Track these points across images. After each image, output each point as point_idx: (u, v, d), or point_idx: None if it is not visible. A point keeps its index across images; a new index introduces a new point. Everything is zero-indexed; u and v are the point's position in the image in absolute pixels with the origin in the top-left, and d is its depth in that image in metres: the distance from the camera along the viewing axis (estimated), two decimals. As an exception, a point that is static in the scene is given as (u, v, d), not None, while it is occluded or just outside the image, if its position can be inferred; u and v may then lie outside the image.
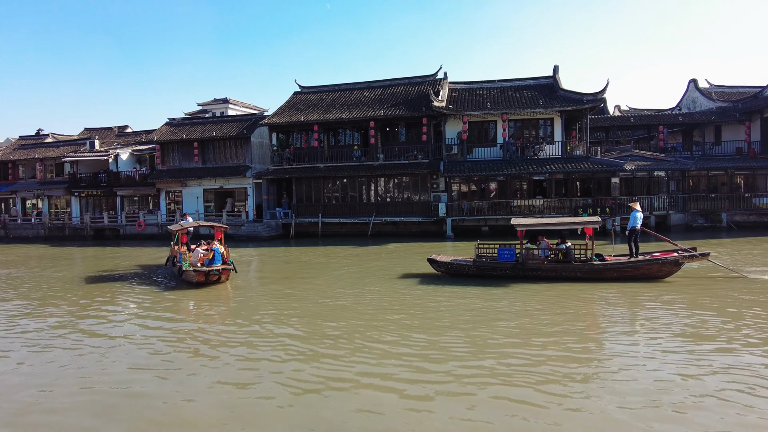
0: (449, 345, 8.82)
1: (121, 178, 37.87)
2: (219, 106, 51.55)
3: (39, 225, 39.02)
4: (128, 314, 12.29)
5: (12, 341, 10.09)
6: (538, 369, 7.52)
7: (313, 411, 6.40)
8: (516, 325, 9.94)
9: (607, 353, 8.38)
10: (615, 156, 30.03)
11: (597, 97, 28.36)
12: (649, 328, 9.57)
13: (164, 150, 36.63)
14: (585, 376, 7.30)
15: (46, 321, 11.72)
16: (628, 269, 13.88)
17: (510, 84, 32.24)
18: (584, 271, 13.98)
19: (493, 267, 14.84)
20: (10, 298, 14.71)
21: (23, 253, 28.89)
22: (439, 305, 11.86)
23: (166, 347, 9.31)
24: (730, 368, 7.34)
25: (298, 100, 36.16)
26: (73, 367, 8.40)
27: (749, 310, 10.57)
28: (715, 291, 12.48)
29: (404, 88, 34.38)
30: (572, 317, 10.46)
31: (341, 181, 31.54)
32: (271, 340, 9.52)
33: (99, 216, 37.63)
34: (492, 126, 30.12)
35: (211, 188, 35.37)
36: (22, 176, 43.43)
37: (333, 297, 13.33)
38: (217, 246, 16.31)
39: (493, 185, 29.41)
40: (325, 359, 8.28)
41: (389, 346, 8.88)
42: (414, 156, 30.43)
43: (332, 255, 22.80)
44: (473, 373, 7.44)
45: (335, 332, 9.86)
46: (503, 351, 8.43)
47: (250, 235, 31.40)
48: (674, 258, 13.72)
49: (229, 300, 13.76)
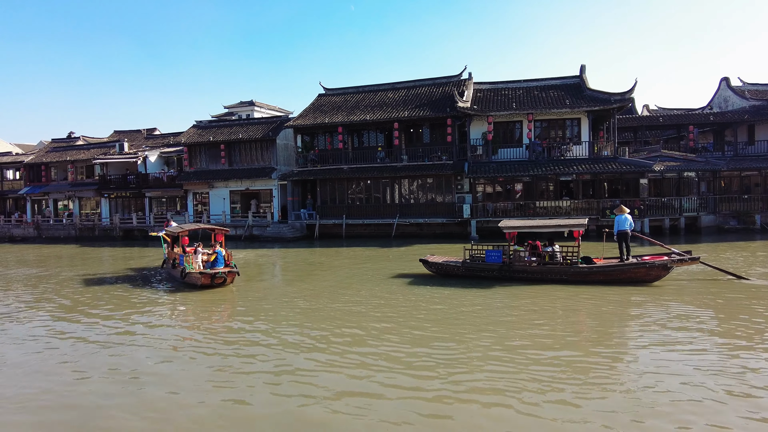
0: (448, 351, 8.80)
1: (150, 180, 38.58)
2: (245, 109, 52.16)
3: (70, 225, 39.97)
4: (143, 314, 12.49)
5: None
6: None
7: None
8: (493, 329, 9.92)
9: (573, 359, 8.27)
10: (643, 156, 29.51)
11: (625, 97, 27.89)
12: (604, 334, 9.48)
13: (191, 152, 37.20)
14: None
15: (31, 321, 12.04)
16: (615, 273, 13.73)
17: (536, 84, 31.90)
18: (569, 274, 13.96)
19: (481, 268, 15.08)
20: (30, 297, 15.10)
21: (54, 252, 29.64)
22: (454, 309, 11.83)
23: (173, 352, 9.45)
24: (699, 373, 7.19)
25: (322, 102, 36.37)
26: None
27: (726, 313, 10.44)
28: (698, 295, 12.32)
29: (428, 88, 34.32)
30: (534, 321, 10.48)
31: (365, 183, 31.61)
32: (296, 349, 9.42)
33: (128, 217, 38.39)
34: (517, 126, 29.85)
35: (237, 190, 35.80)
36: (54, 178, 44.55)
37: (342, 301, 13.17)
38: (220, 249, 16.17)
39: (519, 186, 29.14)
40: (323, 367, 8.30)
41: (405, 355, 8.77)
42: (438, 157, 30.34)
43: (349, 256, 22.80)
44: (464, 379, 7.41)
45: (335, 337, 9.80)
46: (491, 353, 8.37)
47: (275, 236, 31.69)
48: (663, 262, 13.48)
49: (250, 302, 13.53)
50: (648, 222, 26.62)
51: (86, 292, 15.62)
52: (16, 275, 20.17)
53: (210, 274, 15.16)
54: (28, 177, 45.01)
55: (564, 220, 17.40)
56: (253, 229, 33.09)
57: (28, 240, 39.97)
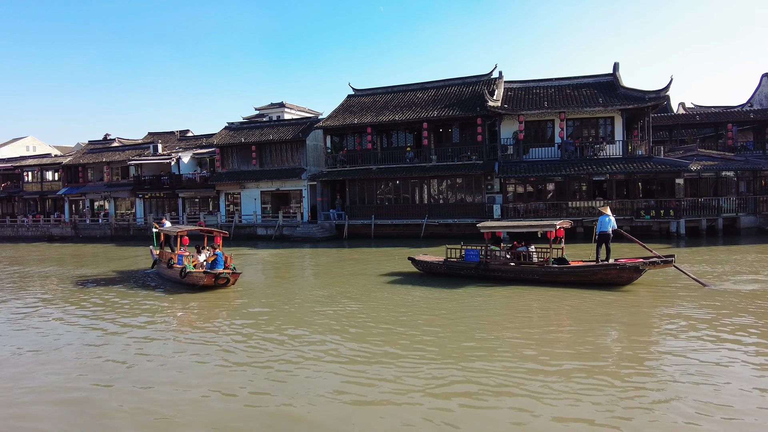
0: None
1: (183, 181, 39.32)
2: (275, 110, 52.70)
3: (106, 225, 41.00)
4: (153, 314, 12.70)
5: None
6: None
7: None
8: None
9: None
10: (679, 156, 28.78)
11: (660, 95, 27.24)
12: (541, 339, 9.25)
13: (223, 153, 37.78)
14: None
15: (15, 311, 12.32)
16: (585, 274, 13.59)
17: (568, 82, 31.41)
18: (541, 274, 14.03)
19: (460, 267, 15.57)
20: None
21: (90, 252, 30.45)
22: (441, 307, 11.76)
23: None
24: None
25: (351, 102, 36.52)
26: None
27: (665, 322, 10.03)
28: (662, 299, 11.96)
29: (458, 88, 34.13)
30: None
31: (394, 183, 31.60)
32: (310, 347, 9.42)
33: (161, 217, 39.11)
34: (549, 125, 29.46)
35: (267, 190, 36.22)
36: (91, 179, 45.77)
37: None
38: (219, 251, 15.91)
39: (551, 186, 28.71)
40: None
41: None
42: (468, 157, 30.14)
43: (376, 255, 22.82)
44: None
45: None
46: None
47: (305, 236, 31.94)
48: (634, 264, 13.20)
49: (273, 306, 13.54)
50: (684, 223, 25.95)
51: (81, 292, 15.82)
52: (49, 273, 20.80)
53: (214, 274, 14.85)
54: (66, 178, 46.38)
55: (536, 221, 17.42)
56: (283, 229, 33.41)
57: (66, 239, 41.13)
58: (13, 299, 14.93)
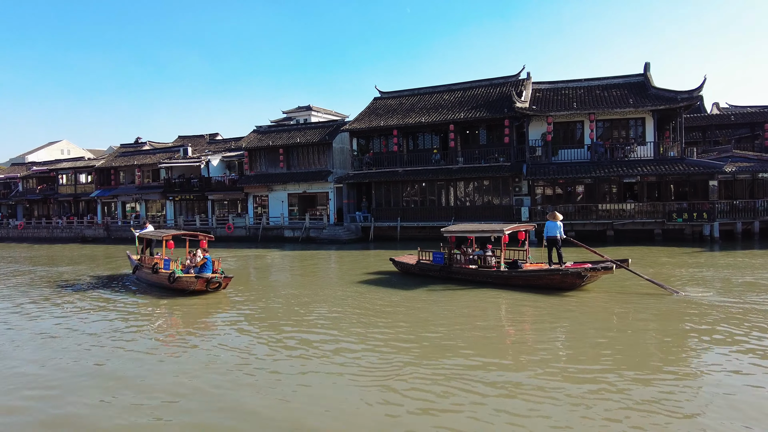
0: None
1: (212, 183, 39.92)
2: (302, 114, 53.17)
3: (137, 227, 41.77)
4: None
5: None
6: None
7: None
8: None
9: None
10: (713, 157, 28.12)
11: (692, 95, 26.65)
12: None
13: (252, 156, 38.25)
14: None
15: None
16: (532, 278, 13.90)
17: (597, 83, 30.95)
18: (494, 277, 14.59)
19: (429, 268, 16.51)
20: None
21: (120, 252, 31.00)
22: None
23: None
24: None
25: (378, 105, 36.61)
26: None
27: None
28: (605, 305, 11.74)
29: (485, 89, 33.92)
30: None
31: (420, 185, 31.56)
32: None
33: (191, 219, 39.84)
34: (578, 126, 29.07)
35: (294, 192, 36.53)
36: (122, 181, 46.83)
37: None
38: (208, 255, 15.32)
39: (580, 188, 28.32)
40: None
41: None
42: (495, 159, 29.93)
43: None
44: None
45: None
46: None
47: (331, 238, 32.11)
48: (576, 270, 13.17)
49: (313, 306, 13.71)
50: (718, 226, 25.31)
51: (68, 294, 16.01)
52: (76, 271, 21.30)
53: (205, 278, 14.21)
54: (98, 180, 47.51)
55: (488, 226, 17.79)
56: (309, 231, 33.66)
57: (98, 240, 42.12)
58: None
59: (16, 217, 53.63)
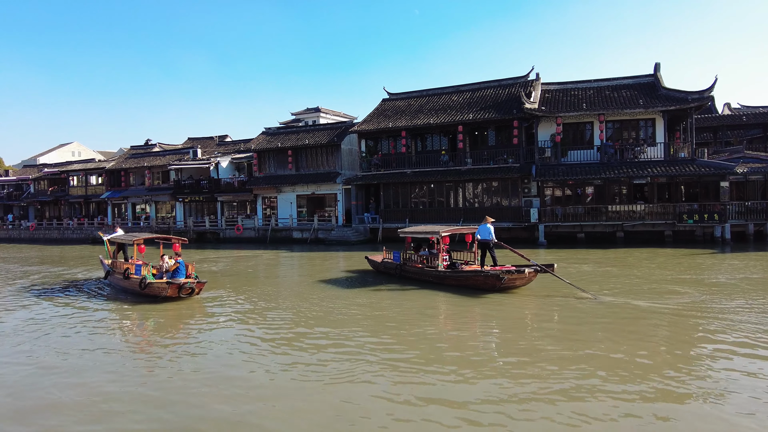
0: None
1: (222, 185, 40.11)
2: (311, 115, 53.31)
3: (147, 228, 42.06)
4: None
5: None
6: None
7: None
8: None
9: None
10: (724, 158, 27.89)
11: (703, 95, 26.45)
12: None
13: (261, 158, 38.40)
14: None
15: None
16: (461, 279, 14.59)
17: (607, 83, 30.78)
18: (433, 276, 15.38)
19: (390, 267, 17.43)
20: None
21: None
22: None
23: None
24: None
25: (386, 106, 36.64)
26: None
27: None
28: (523, 308, 12.12)
29: (494, 90, 33.84)
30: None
31: (428, 187, 31.54)
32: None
33: (201, 220, 40.04)
34: (588, 127, 28.92)
35: (303, 194, 36.62)
36: (132, 183, 47.16)
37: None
38: (180, 259, 14.75)
39: (590, 190, 28.15)
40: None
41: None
42: (504, 160, 29.85)
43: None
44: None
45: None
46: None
47: (340, 239, 32.16)
48: (495, 272, 13.68)
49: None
50: (729, 227, 25.09)
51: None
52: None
53: (177, 284, 13.66)
54: (109, 182, 47.88)
55: (430, 227, 18.00)
56: (318, 232, 33.73)
57: (109, 242, 42.27)
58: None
59: (27, 218, 54.18)
